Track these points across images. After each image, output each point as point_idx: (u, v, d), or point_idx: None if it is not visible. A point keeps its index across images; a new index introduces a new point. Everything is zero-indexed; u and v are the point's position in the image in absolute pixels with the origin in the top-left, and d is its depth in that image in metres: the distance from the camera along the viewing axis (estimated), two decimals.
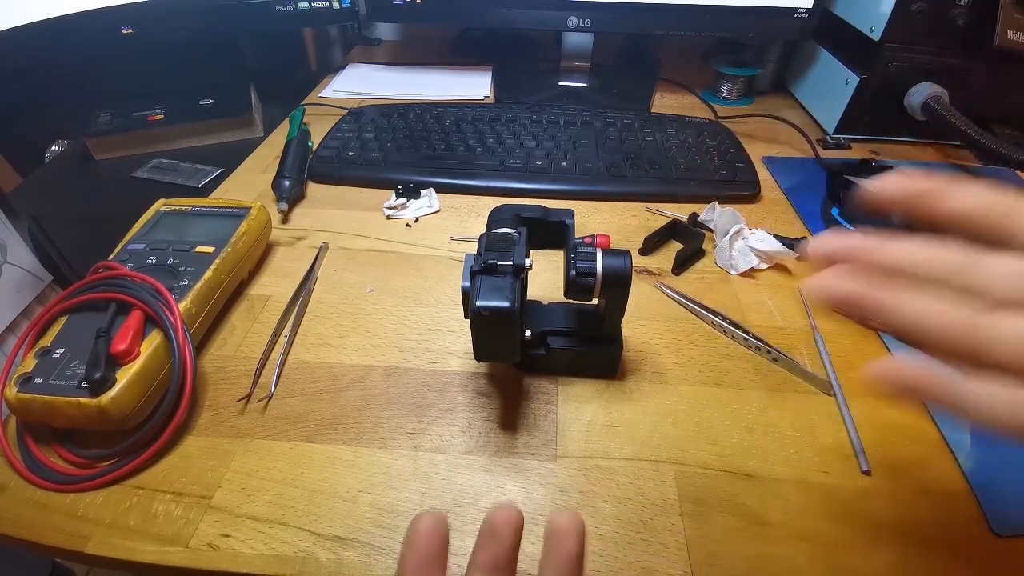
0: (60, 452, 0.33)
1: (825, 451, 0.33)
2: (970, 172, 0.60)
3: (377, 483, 0.32)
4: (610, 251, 0.33)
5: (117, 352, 0.32)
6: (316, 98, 0.75)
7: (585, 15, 0.69)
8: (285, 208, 0.52)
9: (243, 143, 0.66)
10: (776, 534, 0.30)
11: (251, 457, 0.33)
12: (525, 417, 0.36)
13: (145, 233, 0.43)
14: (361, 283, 0.45)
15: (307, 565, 0.28)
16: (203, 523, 0.30)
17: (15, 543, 0.30)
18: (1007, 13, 0.54)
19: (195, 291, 0.38)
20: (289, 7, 0.71)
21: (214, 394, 0.37)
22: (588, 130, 0.63)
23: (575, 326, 0.37)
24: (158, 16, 0.64)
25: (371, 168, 0.57)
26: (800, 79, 0.76)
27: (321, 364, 0.39)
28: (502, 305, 0.29)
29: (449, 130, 0.62)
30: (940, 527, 0.30)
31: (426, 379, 0.38)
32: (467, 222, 0.52)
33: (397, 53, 0.91)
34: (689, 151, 0.59)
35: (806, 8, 0.66)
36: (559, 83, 0.78)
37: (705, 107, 0.74)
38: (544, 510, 0.31)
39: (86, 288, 0.36)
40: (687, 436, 0.34)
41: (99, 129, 0.62)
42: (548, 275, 0.46)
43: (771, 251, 0.45)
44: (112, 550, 0.29)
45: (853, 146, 0.66)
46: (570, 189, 0.55)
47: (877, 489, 0.32)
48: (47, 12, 0.58)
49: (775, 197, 0.57)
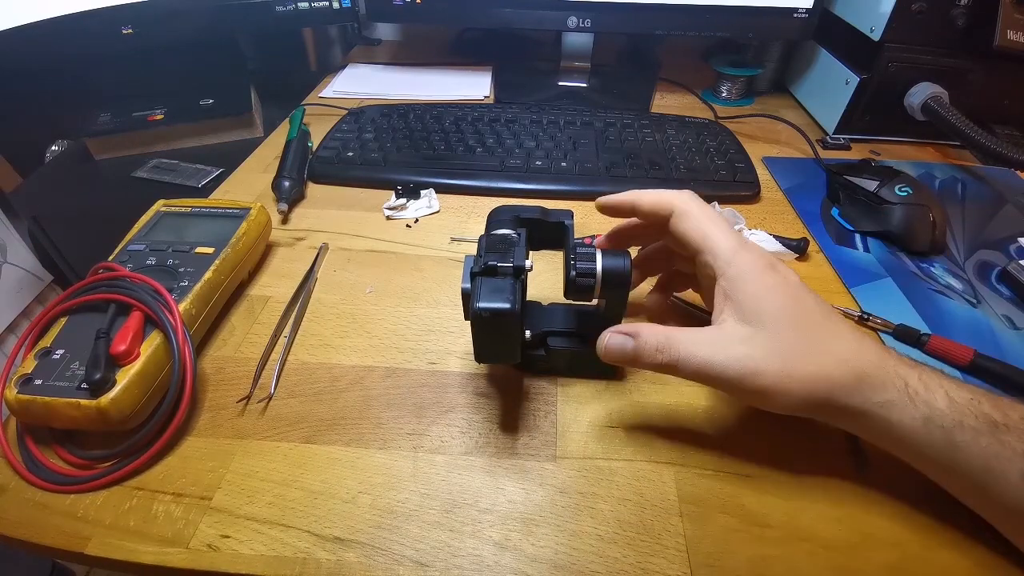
0: (60, 453, 0.33)
1: (825, 451, 0.33)
2: (970, 172, 0.60)
3: (377, 484, 0.32)
4: (610, 252, 0.33)
5: (117, 353, 0.32)
6: (316, 98, 0.75)
7: (585, 15, 0.69)
8: (285, 208, 0.52)
9: (243, 143, 0.66)
10: (776, 535, 0.30)
11: (251, 458, 0.33)
12: (525, 418, 0.36)
13: (145, 234, 0.43)
14: (361, 284, 0.45)
15: (307, 566, 0.28)
16: (203, 524, 0.30)
17: (15, 544, 0.30)
18: (1007, 13, 0.54)
19: (195, 292, 0.38)
20: (289, 7, 0.71)
21: (214, 395, 0.37)
22: (588, 130, 0.63)
23: (575, 326, 0.37)
24: (158, 16, 0.64)
25: (371, 168, 0.57)
26: (800, 79, 0.76)
27: (321, 365, 0.39)
28: (502, 307, 0.29)
29: (449, 130, 0.62)
30: (941, 526, 0.30)
31: (426, 380, 0.38)
32: (467, 222, 0.52)
33: (397, 53, 0.91)
34: (689, 151, 0.59)
35: (806, 8, 0.66)
36: (559, 83, 0.78)
37: (705, 107, 0.74)
38: (544, 511, 0.31)
39: (86, 289, 0.36)
40: (687, 437, 0.34)
41: (99, 129, 0.62)
42: (548, 276, 0.46)
43: (771, 251, 0.45)
44: (112, 551, 0.29)
45: (853, 146, 0.66)
46: (570, 189, 0.55)
47: (877, 489, 0.32)
48: (47, 12, 0.58)
49: (775, 197, 0.57)
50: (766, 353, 0.29)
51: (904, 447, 0.28)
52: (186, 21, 0.66)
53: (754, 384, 0.29)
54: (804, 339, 0.29)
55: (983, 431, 0.26)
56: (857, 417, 0.29)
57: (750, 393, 0.29)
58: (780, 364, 0.28)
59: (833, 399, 0.29)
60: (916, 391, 0.28)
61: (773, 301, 0.29)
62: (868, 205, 0.51)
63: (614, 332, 0.31)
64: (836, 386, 0.28)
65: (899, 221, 0.49)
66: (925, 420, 0.27)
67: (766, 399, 0.29)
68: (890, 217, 0.49)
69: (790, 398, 0.29)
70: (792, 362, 0.29)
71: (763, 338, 0.29)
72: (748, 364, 0.28)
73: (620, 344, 0.31)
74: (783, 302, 0.29)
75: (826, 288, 0.46)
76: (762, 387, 0.29)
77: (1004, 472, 0.26)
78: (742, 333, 0.29)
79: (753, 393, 0.29)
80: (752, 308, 0.29)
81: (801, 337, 0.29)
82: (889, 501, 0.31)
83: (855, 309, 0.43)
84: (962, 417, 0.27)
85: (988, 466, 0.26)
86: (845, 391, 0.28)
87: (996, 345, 0.40)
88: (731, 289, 0.30)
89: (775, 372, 0.28)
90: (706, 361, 0.29)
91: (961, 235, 0.51)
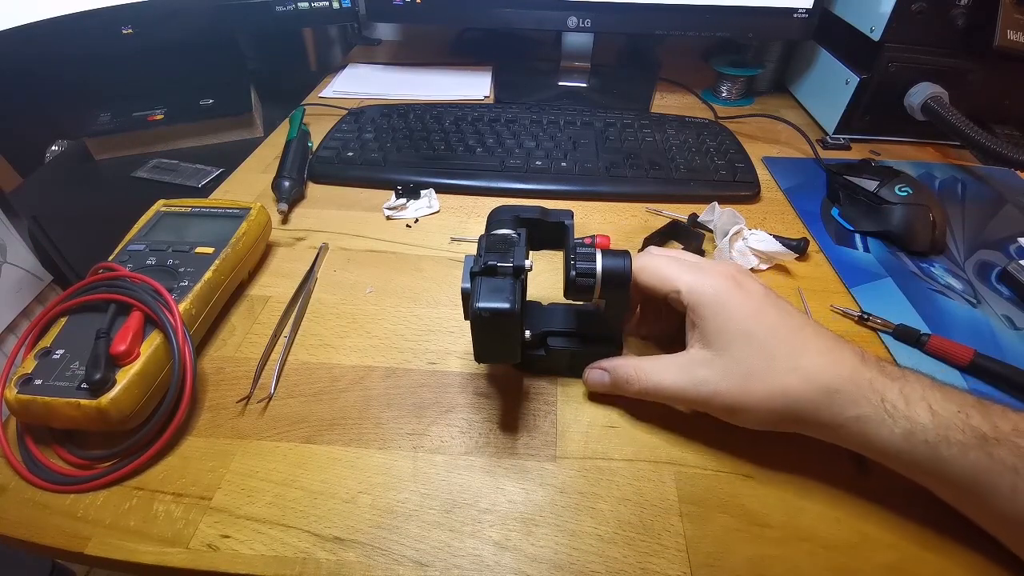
0: (60, 453, 0.33)
1: (825, 450, 0.33)
2: (970, 172, 0.60)
3: (377, 484, 0.32)
4: (610, 252, 0.33)
5: (117, 353, 0.32)
6: (316, 98, 0.75)
7: (585, 15, 0.69)
8: (285, 208, 0.52)
9: (243, 143, 0.66)
10: (776, 535, 0.30)
11: (251, 458, 0.33)
12: (525, 418, 0.36)
13: (145, 234, 0.43)
14: (361, 284, 0.45)
15: (307, 566, 0.28)
16: (203, 524, 0.30)
17: (15, 544, 0.30)
18: (1007, 13, 0.54)
19: (195, 292, 0.38)
20: (289, 7, 0.71)
21: (214, 395, 0.37)
22: (588, 130, 0.63)
23: (575, 327, 0.37)
24: (158, 16, 0.64)
25: (371, 168, 0.57)
26: (800, 79, 0.76)
27: (321, 365, 0.39)
28: (502, 307, 0.29)
29: (449, 130, 0.62)
30: (940, 527, 0.30)
31: (426, 380, 0.38)
32: (467, 222, 0.52)
33: (397, 53, 0.91)
34: (689, 151, 0.59)
35: (806, 8, 0.66)
36: (559, 83, 0.78)
37: (705, 107, 0.74)
38: (544, 511, 0.31)
39: (86, 289, 0.36)
40: (687, 436, 0.34)
41: (99, 129, 0.62)
42: (548, 276, 0.46)
43: (771, 252, 0.45)
44: (112, 551, 0.29)
45: (853, 146, 0.66)
46: (570, 189, 0.55)
47: (877, 489, 0.32)
48: (47, 12, 0.58)
49: (775, 197, 0.57)
50: (725, 374, 0.30)
51: (889, 459, 0.29)
52: (186, 21, 0.66)
53: (718, 404, 0.31)
54: (764, 357, 0.30)
55: (971, 445, 0.26)
56: (834, 431, 0.29)
57: (718, 411, 0.32)
58: (739, 384, 0.30)
59: (801, 414, 0.29)
60: (895, 405, 0.27)
61: (734, 323, 0.31)
62: (868, 205, 0.51)
63: (593, 368, 0.36)
64: (801, 402, 0.29)
65: (899, 221, 0.49)
66: (906, 434, 0.27)
67: (734, 416, 0.31)
68: (890, 217, 0.49)
69: (754, 415, 0.30)
70: (751, 381, 0.30)
71: (724, 360, 0.31)
72: (709, 386, 0.31)
73: (599, 378, 0.36)
74: (743, 324, 0.31)
75: (826, 288, 0.46)
76: (725, 406, 0.31)
77: (995, 486, 0.25)
78: (704, 357, 0.31)
79: (720, 411, 0.32)
80: (713, 332, 0.31)
81: (762, 355, 0.30)
82: (889, 501, 0.31)
83: (855, 309, 0.43)
84: (947, 431, 0.26)
85: (978, 480, 0.26)
86: (812, 406, 0.29)
87: (996, 345, 0.40)
88: (695, 317, 0.32)
89: (735, 392, 0.30)
90: (672, 386, 0.32)
91: (961, 235, 0.51)
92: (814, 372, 0.29)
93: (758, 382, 0.30)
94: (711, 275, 0.33)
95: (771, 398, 0.29)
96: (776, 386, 0.29)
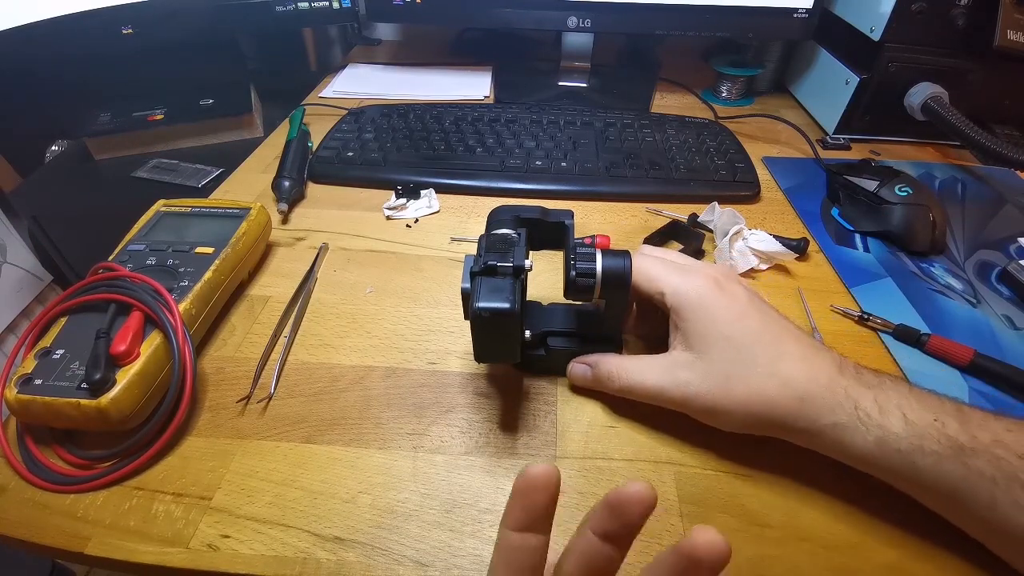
0: (60, 453, 0.33)
1: None
2: (970, 172, 0.60)
3: (377, 484, 0.32)
4: (610, 252, 0.33)
5: (117, 353, 0.32)
6: (316, 98, 0.75)
7: (585, 15, 0.69)
8: (285, 208, 0.52)
9: (243, 143, 0.66)
10: (776, 535, 0.30)
11: (251, 458, 0.33)
12: (525, 418, 0.36)
13: (145, 234, 0.43)
14: (361, 284, 0.45)
15: (307, 566, 0.28)
16: (203, 524, 0.30)
17: (15, 544, 0.30)
18: (1007, 13, 0.54)
19: (195, 292, 0.38)
20: (289, 7, 0.71)
21: (214, 395, 0.37)
22: (588, 130, 0.63)
23: (575, 327, 0.37)
24: (158, 16, 0.64)
25: (371, 168, 0.57)
26: (800, 79, 0.76)
27: (321, 365, 0.39)
28: (502, 306, 0.29)
29: (449, 130, 0.62)
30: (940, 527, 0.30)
31: (426, 380, 0.38)
32: (467, 222, 0.52)
33: (397, 53, 0.91)
34: (689, 151, 0.59)
35: (806, 8, 0.66)
36: (559, 83, 0.78)
37: (705, 107, 0.74)
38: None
39: (86, 289, 0.36)
40: (687, 437, 0.34)
41: (99, 129, 0.62)
42: (548, 276, 0.46)
43: (771, 252, 0.45)
44: (112, 551, 0.29)
45: (853, 146, 0.66)
46: (570, 189, 0.55)
47: (877, 489, 0.31)
48: (47, 12, 0.58)
49: (775, 197, 0.57)
50: (705, 377, 0.31)
51: (867, 466, 0.29)
52: (186, 21, 0.66)
53: (697, 405, 0.31)
54: (744, 362, 0.30)
55: (946, 456, 0.26)
56: (811, 437, 0.29)
57: (697, 413, 0.32)
58: (718, 387, 0.30)
59: (777, 420, 0.29)
60: (868, 413, 0.27)
61: (716, 326, 0.31)
62: (868, 205, 0.51)
63: (577, 362, 0.36)
64: (778, 407, 0.29)
65: (899, 221, 0.49)
66: (879, 442, 0.27)
67: (713, 418, 0.31)
68: (890, 217, 0.49)
69: (732, 418, 0.31)
70: (730, 384, 0.30)
71: (704, 363, 0.31)
72: (689, 388, 0.31)
73: (582, 372, 0.36)
74: (725, 328, 0.31)
75: (826, 288, 0.46)
76: (705, 408, 0.31)
77: (974, 496, 0.25)
78: (685, 359, 0.32)
79: (700, 413, 0.32)
80: (695, 334, 0.32)
81: (742, 360, 0.30)
82: (889, 501, 0.31)
83: (855, 309, 0.43)
84: (922, 441, 0.26)
85: (955, 489, 0.26)
86: (788, 412, 0.29)
87: (996, 345, 0.40)
88: (678, 319, 0.33)
89: (714, 394, 0.30)
90: (653, 386, 0.33)
91: (961, 235, 0.51)
92: (792, 378, 0.29)
93: (737, 386, 0.30)
94: (695, 278, 0.33)
95: (749, 402, 0.30)
96: (755, 391, 0.30)
